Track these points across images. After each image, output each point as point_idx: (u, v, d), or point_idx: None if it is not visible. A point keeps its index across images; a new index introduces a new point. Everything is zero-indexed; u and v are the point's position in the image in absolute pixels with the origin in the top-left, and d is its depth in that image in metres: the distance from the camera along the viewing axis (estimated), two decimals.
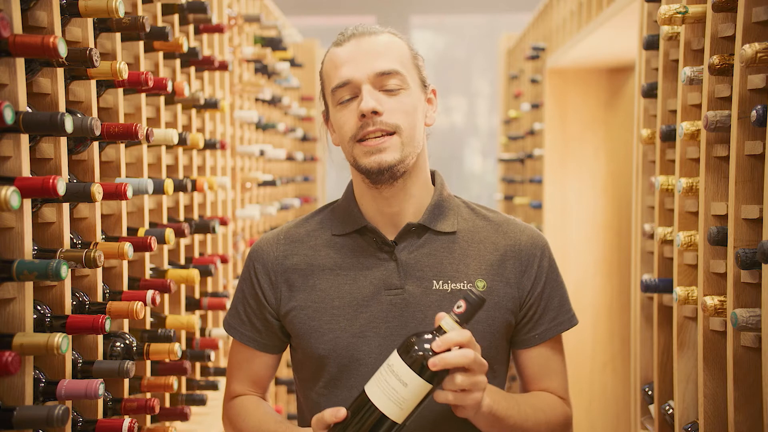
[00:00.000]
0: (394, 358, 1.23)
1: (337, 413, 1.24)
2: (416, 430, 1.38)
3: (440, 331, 1.24)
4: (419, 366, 1.21)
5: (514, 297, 1.44)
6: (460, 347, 1.23)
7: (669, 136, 1.82)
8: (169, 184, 1.71)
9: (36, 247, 1.34)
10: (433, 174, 1.51)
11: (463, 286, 1.41)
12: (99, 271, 1.51)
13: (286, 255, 1.48)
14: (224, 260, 2.36)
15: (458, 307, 1.23)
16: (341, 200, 1.52)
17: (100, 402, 1.47)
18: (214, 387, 2.14)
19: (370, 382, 1.25)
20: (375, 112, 1.35)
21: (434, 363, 1.20)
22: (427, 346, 1.22)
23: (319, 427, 1.26)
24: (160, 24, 1.90)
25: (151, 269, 1.87)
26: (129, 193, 1.43)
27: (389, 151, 1.36)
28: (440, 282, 1.42)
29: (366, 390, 1.24)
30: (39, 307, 1.32)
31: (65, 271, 1.18)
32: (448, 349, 1.22)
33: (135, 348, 1.59)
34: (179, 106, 2.07)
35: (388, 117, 1.36)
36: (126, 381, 1.63)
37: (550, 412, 1.44)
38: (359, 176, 1.43)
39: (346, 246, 1.46)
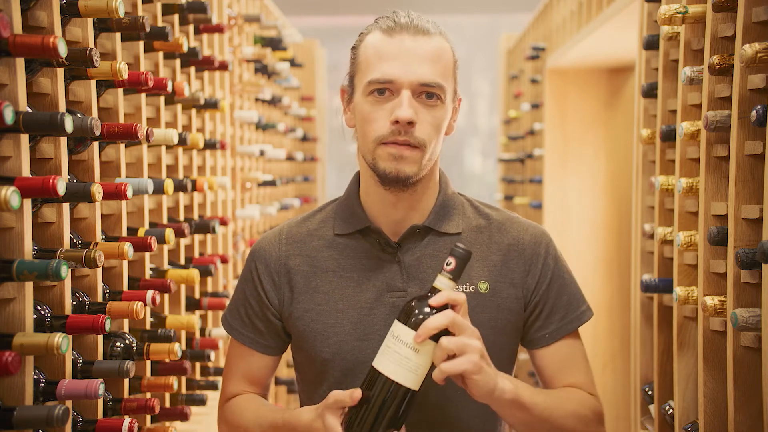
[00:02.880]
0: (398, 327, 1.23)
1: (353, 395, 1.22)
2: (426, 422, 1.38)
3: (435, 290, 1.24)
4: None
5: (518, 297, 1.43)
6: (452, 307, 1.23)
7: (669, 136, 1.82)
8: (169, 184, 1.71)
9: (36, 247, 1.34)
10: None
11: (465, 289, 1.41)
12: (99, 271, 1.51)
13: (288, 255, 1.46)
14: (224, 260, 2.36)
15: (448, 264, 1.24)
16: (343, 198, 1.49)
17: (100, 402, 1.47)
18: (214, 387, 2.14)
19: (379, 358, 1.24)
20: (410, 122, 1.32)
21: (419, 335, 1.20)
22: (427, 308, 1.22)
23: (336, 406, 1.23)
24: (160, 24, 1.90)
25: (151, 269, 1.87)
26: (129, 193, 1.43)
27: (410, 163, 1.34)
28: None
29: (377, 367, 1.24)
30: (39, 307, 1.32)
31: (65, 271, 1.18)
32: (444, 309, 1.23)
33: (135, 348, 1.59)
34: (179, 106, 2.07)
35: (420, 131, 1.33)
36: (126, 381, 1.63)
37: (578, 405, 1.40)
38: (369, 174, 1.41)
39: (348, 247, 1.45)
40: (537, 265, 1.44)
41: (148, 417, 1.76)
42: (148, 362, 1.76)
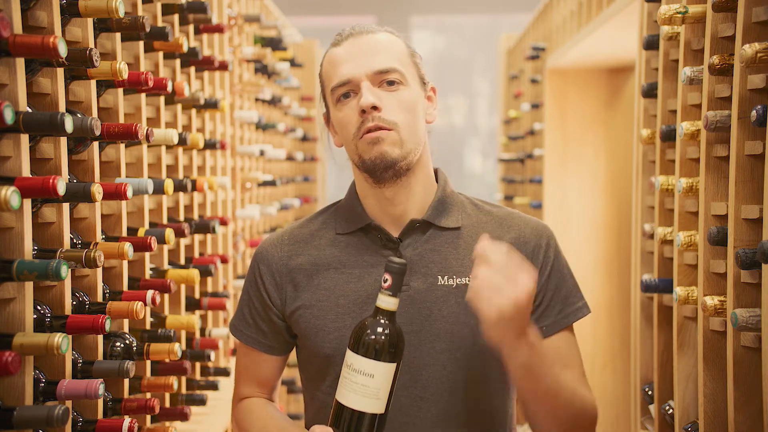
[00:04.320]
0: (350, 356, 1.23)
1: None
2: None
3: (379, 311, 1.24)
4: (374, 351, 1.22)
5: None
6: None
7: (669, 136, 1.82)
8: (169, 184, 1.71)
9: (36, 247, 1.34)
10: (435, 171, 1.51)
11: (468, 281, 1.41)
12: (99, 271, 1.51)
13: (290, 255, 1.48)
14: (224, 260, 2.36)
15: (385, 281, 1.24)
16: (344, 200, 1.52)
17: (100, 402, 1.47)
18: (214, 387, 2.14)
19: (339, 390, 1.24)
20: (374, 108, 1.35)
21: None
22: (378, 329, 1.22)
23: None
24: (160, 24, 1.90)
25: (151, 269, 1.87)
26: (129, 193, 1.43)
27: (389, 145, 1.36)
28: (445, 277, 1.41)
29: (339, 400, 1.24)
30: (39, 307, 1.32)
31: (65, 271, 1.18)
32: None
33: (135, 348, 1.59)
34: (179, 106, 2.07)
35: (387, 113, 1.36)
36: (126, 381, 1.63)
37: (585, 399, 1.40)
38: (362, 176, 1.43)
39: (350, 244, 1.46)
40: (538, 257, 1.45)
41: (148, 417, 1.76)
42: (148, 362, 1.76)
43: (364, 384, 1.21)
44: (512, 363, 1.27)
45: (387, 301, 1.24)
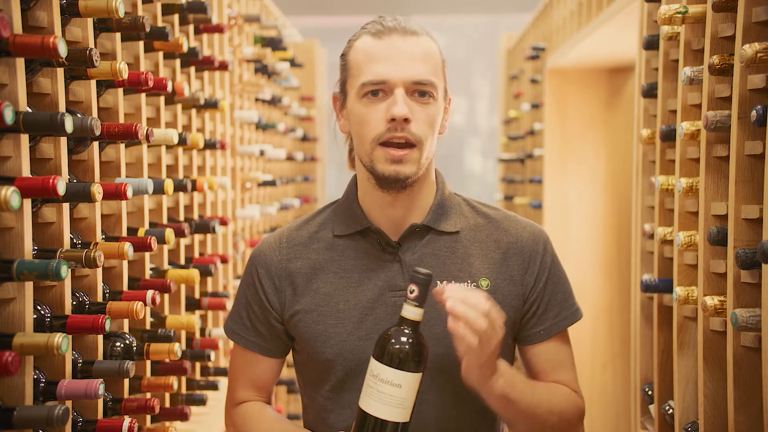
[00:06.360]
0: (376, 366, 1.23)
1: None
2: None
3: (404, 321, 1.24)
4: (401, 361, 1.22)
5: (518, 294, 1.44)
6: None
7: (669, 136, 1.82)
8: (169, 184, 1.71)
9: (36, 247, 1.34)
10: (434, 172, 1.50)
11: (467, 286, 1.41)
12: (99, 271, 1.51)
13: (289, 259, 1.46)
14: (224, 260, 2.36)
15: (411, 292, 1.24)
16: (342, 200, 1.50)
17: (100, 402, 1.48)
18: (214, 387, 2.14)
19: (363, 398, 1.24)
20: (406, 119, 1.33)
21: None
22: (403, 339, 1.23)
23: None
24: (160, 24, 1.90)
25: (151, 269, 1.87)
26: (129, 193, 1.43)
27: (408, 164, 1.35)
28: (444, 282, 1.41)
29: (364, 409, 1.24)
30: (39, 307, 1.32)
31: (65, 271, 1.18)
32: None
33: (135, 348, 1.59)
34: (179, 106, 2.07)
35: (416, 127, 1.34)
36: (126, 381, 1.63)
37: (563, 401, 1.42)
38: (366, 176, 1.42)
39: (349, 247, 1.45)
40: (535, 262, 1.45)
41: (148, 417, 1.76)
42: (148, 362, 1.76)
43: (391, 394, 1.21)
44: (490, 396, 1.31)
45: (413, 312, 1.24)
